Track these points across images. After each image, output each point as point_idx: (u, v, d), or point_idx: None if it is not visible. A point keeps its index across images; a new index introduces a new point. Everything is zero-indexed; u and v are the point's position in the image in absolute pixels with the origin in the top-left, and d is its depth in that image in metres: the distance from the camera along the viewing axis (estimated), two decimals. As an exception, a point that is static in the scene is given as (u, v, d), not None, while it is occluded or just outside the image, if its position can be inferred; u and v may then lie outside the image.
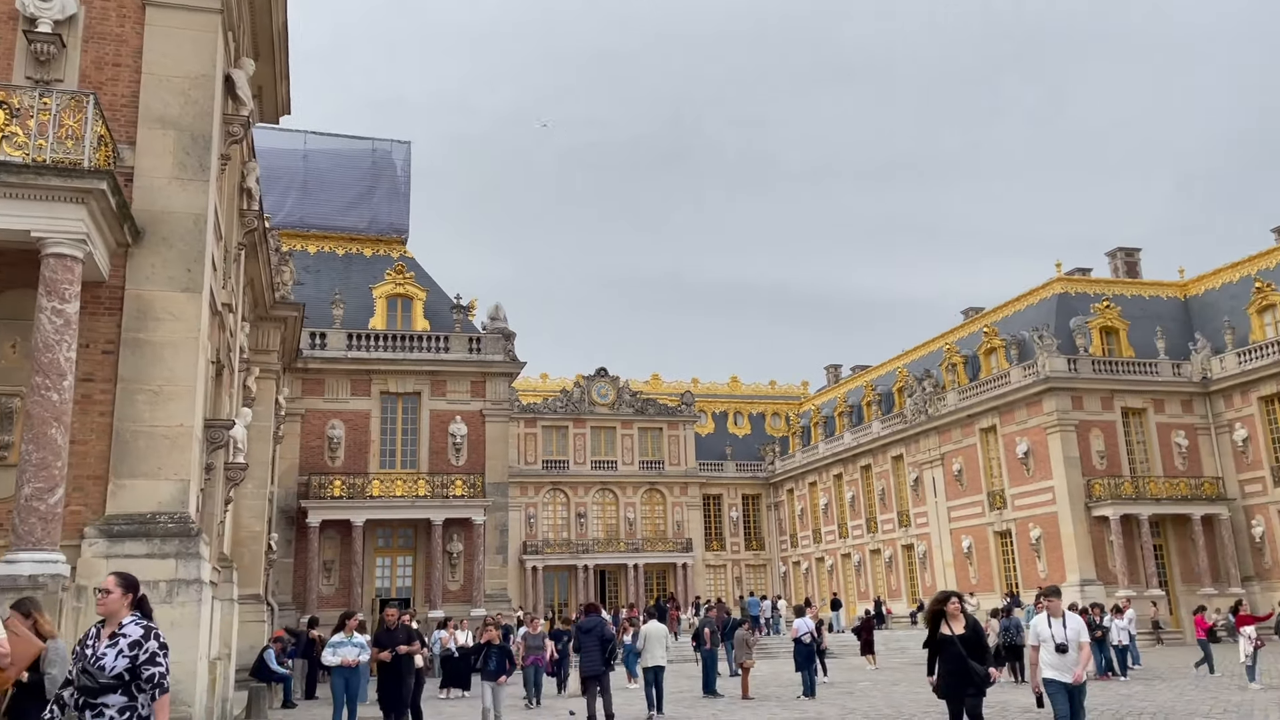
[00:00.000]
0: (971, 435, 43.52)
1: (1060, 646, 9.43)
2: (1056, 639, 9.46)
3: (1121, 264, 47.63)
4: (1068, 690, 9.43)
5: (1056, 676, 9.47)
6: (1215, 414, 39.92)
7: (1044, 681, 9.65)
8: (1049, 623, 9.62)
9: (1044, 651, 9.58)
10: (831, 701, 19.06)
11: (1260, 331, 39.25)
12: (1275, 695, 17.08)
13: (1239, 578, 37.78)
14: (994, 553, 42.02)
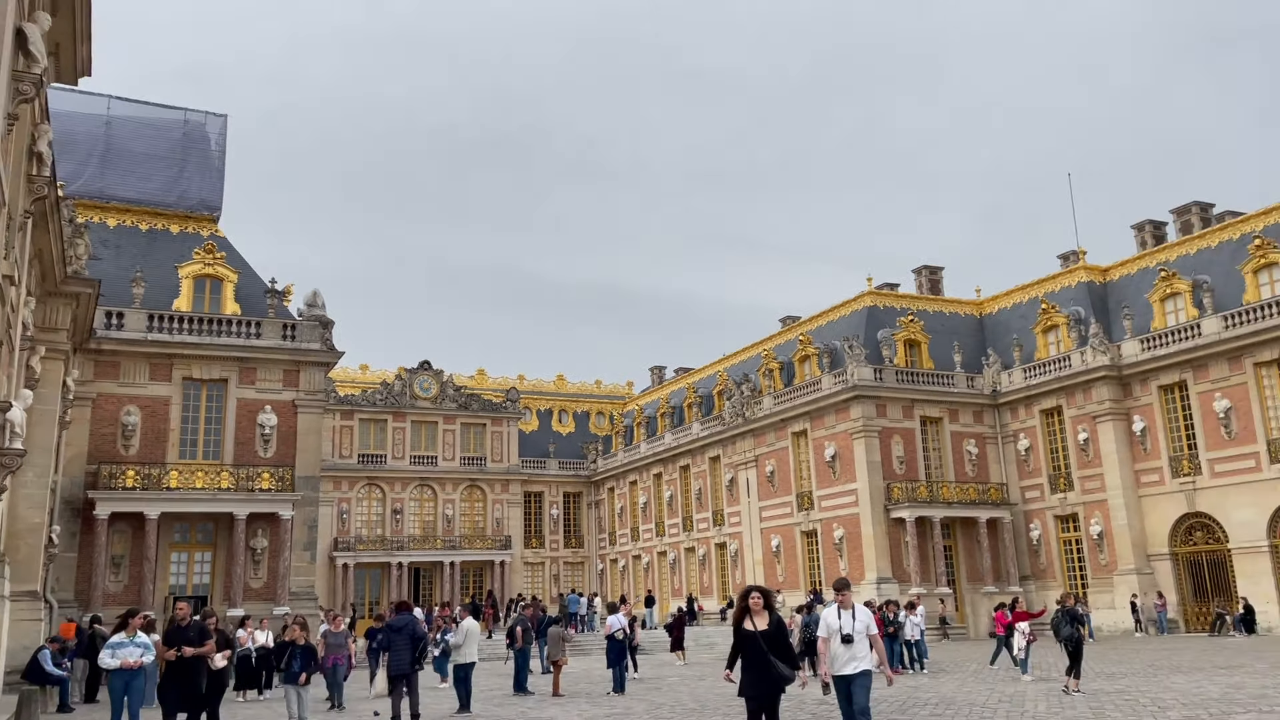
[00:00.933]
0: (784, 438, 45.27)
1: (846, 637, 9.50)
2: (844, 630, 9.54)
3: (926, 281, 50.71)
4: (848, 680, 9.55)
5: (839, 667, 9.58)
6: (1002, 424, 43.11)
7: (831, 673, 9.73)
8: (838, 614, 9.68)
9: (832, 642, 9.66)
10: (640, 697, 19.39)
11: (1044, 350, 42.66)
12: (1044, 686, 18.59)
13: (1018, 577, 40.92)
14: (800, 551, 43.85)
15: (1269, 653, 24.69)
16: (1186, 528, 36.67)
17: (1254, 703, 14.79)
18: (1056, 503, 40.63)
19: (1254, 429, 34.16)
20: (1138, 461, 38.09)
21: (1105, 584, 38.16)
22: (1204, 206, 43.16)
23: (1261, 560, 33.71)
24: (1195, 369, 36.11)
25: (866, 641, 9.63)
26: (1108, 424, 38.58)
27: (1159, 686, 17.70)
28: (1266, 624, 32.93)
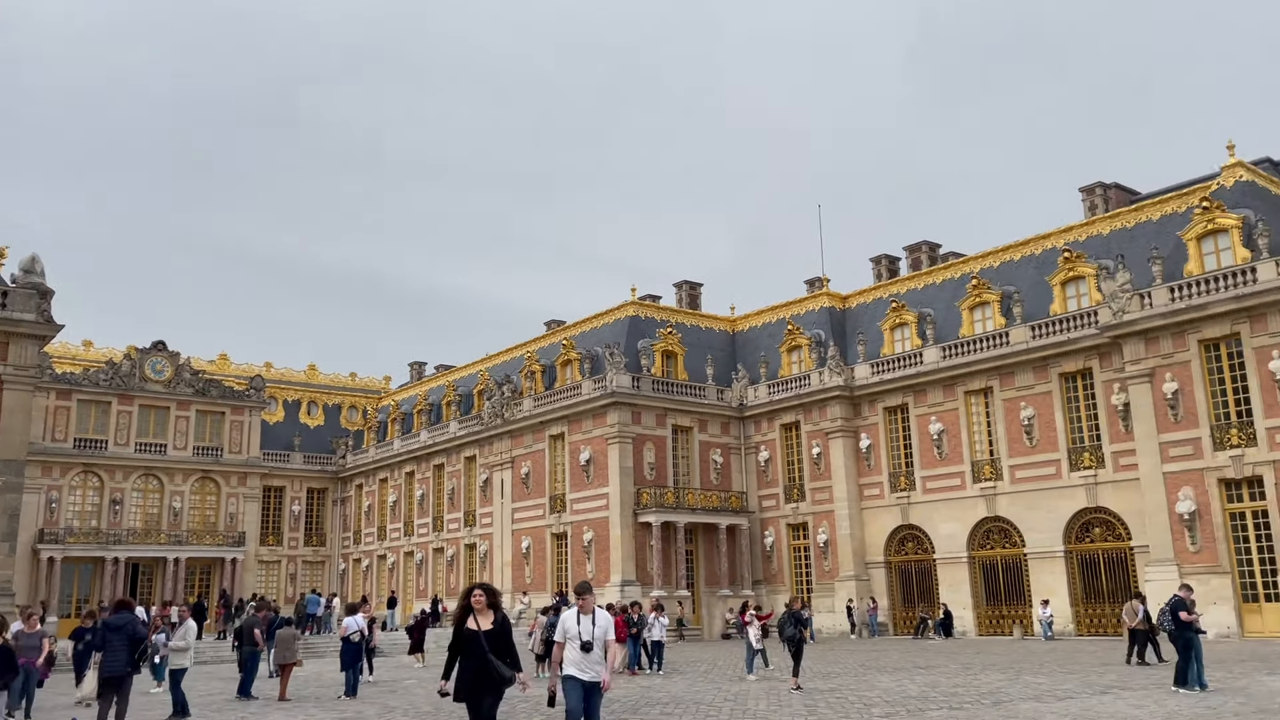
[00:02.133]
0: (542, 441, 45.51)
1: (586, 644, 9.01)
2: (583, 636, 9.04)
3: (686, 295, 52.68)
4: (584, 688, 9.02)
5: (575, 674, 9.03)
6: (746, 436, 45.42)
7: (563, 679, 9.13)
8: (578, 619, 9.17)
9: (569, 648, 9.12)
10: (373, 700, 18.83)
11: (788, 368, 45.37)
12: (767, 685, 19.70)
13: (751, 581, 43.21)
14: (550, 554, 44.20)
15: (962, 654, 27.41)
16: (900, 538, 40.09)
17: (946, 700, 16.35)
18: (790, 512, 43.26)
19: (961, 451, 37.86)
20: (863, 476, 41.25)
21: (828, 589, 41.02)
22: (933, 246, 47.52)
23: (961, 570, 37.40)
24: (916, 393, 39.57)
25: (603, 649, 9.17)
26: (839, 440, 41.53)
27: (866, 685, 19.21)
28: (962, 628, 36.55)
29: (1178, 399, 30.74)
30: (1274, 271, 28.97)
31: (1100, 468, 33.68)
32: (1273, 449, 28.71)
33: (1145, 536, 31.33)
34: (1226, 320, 29.96)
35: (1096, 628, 33.36)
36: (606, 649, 9.20)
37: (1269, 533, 28.64)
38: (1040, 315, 36.76)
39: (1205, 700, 15.46)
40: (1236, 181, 32.96)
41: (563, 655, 9.18)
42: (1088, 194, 41.81)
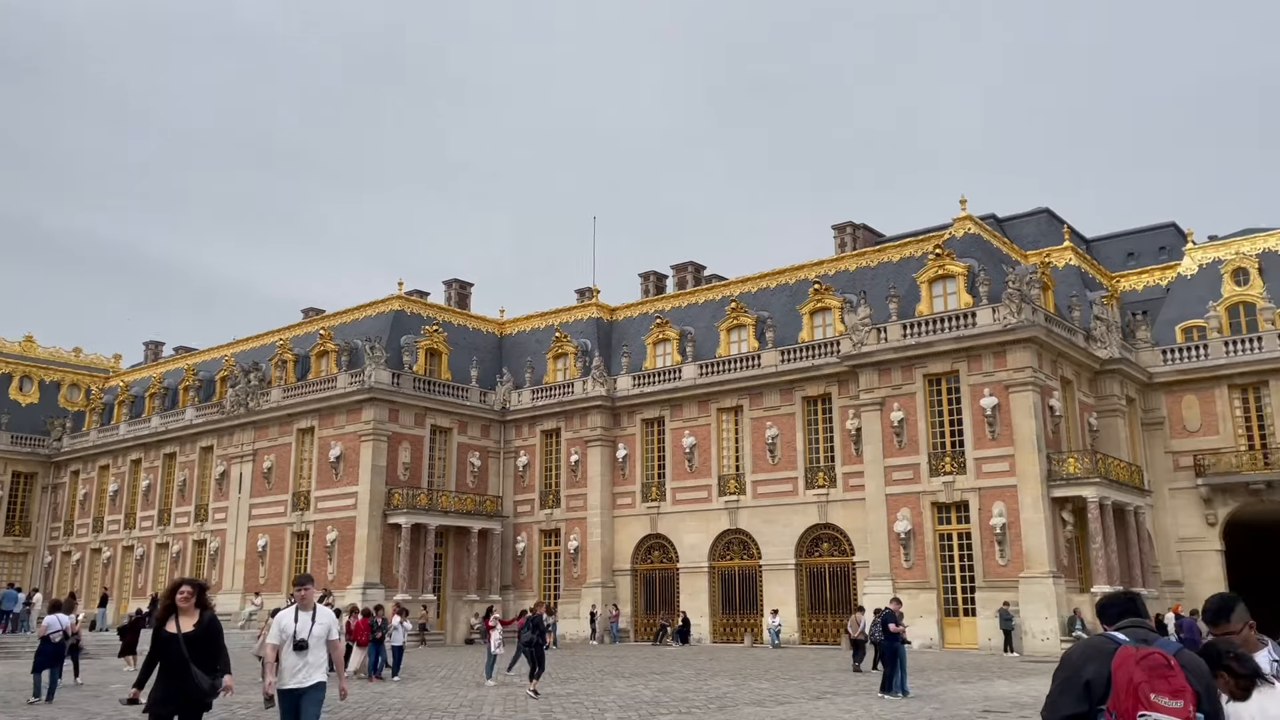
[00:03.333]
0: (289, 434, 43.28)
1: (300, 643, 8.08)
2: (299, 634, 8.09)
3: (455, 294, 51.84)
4: (295, 697, 8.11)
5: (286, 680, 8.12)
6: (507, 440, 45.22)
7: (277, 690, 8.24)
8: (295, 617, 8.18)
9: (285, 650, 8.18)
10: (72, 705, 17.13)
11: (553, 375, 45.60)
12: (505, 691, 19.60)
13: (499, 586, 43.00)
14: (289, 553, 42.06)
15: (696, 661, 28.48)
16: (648, 547, 41.22)
17: (677, 704, 16.90)
18: (544, 518, 43.44)
19: (710, 465, 39.45)
20: (617, 485, 42.08)
21: (575, 595, 41.49)
22: (698, 267, 49.38)
23: (702, 579, 38.92)
24: (673, 407, 40.88)
25: (325, 649, 8.29)
26: (597, 449, 42.18)
27: (603, 690, 19.54)
28: (699, 635, 38.01)
29: (903, 427, 33.49)
30: (990, 318, 32.20)
31: (832, 487, 36.10)
32: (979, 477, 31.82)
33: (867, 552, 33.85)
34: (948, 358, 32.97)
35: (820, 637, 35.65)
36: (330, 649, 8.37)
37: (970, 553, 31.72)
38: (790, 341, 38.99)
39: (905, 705, 16.84)
40: (965, 233, 36.41)
41: (275, 657, 8.26)
42: (839, 231, 44.89)
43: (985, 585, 30.93)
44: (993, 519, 30.94)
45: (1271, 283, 36.80)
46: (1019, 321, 31.21)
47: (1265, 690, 4.28)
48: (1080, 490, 30.70)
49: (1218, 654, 4.42)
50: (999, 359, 31.92)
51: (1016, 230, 42.97)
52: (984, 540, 31.27)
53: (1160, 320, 38.65)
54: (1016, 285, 31.67)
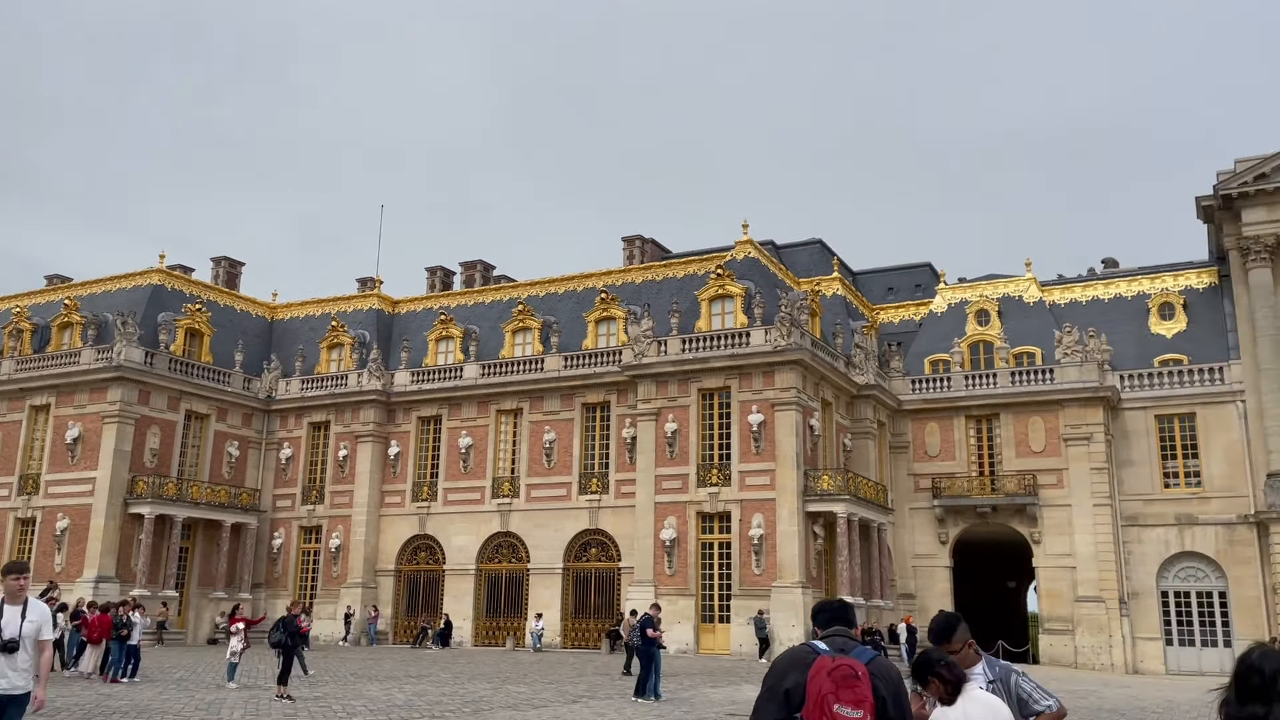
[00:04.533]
0: (20, 411, 39.25)
1: (9, 644, 6.99)
2: (6, 633, 7.00)
3: (224, 272, 48.72)
4: (2, 704, 7.01)
5: None
6: (270, 431, 42.93)
7: None
8: (1, 611, 7.09)
9: None
10: None
11: (326, 365, 43.73)
12: (247, 694, 18.53)
13: (250, 584, 40.70)
14: (11, 542, 38.07)
15: (456, 664, 28.06)
16: (415, 548, 40.25)
17: (430, 708, 16.55)
18: (305, 514, 41.53)
19: (486, 466, 39.05)
20: (387, 483, 40.86)
21: (333, 595, 39.88)
22: (488, 266, 48.89)
23: (468, 582, 38.41)
24: (451, 406, 40.19)
25: (35, 650, 7.20)
26: (368, 445, 40.80)
27: (354, 694, 18.87)
28: (460, 638, 37.47)
29: (676, 438, 34.47)
30: (763, 339, 33.72)
31: (605, 493, 36.62)
32: (743, 489, 33.22)
33: (633, 559, 34.55)
34: (722, 374, 34.26)
35: (582, 641, 36.01)
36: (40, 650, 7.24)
37: (729, 562, 33.04)
38: (575, 347, 39.29)
39: (657, 709, 17.29)
40: (746, 256, 38.01)
41: None
42: (629, 244, 45.76)
43: (741, 593, 32.30)
44: (752, 530, 32.38)
45: (1009, 325, 40.65)
46: (788, 344, 32.88)
47: (969, 697, 4.68)
48: (832, 506, 32.67)
49: (930, 662, 4.81)
50: (768, 378, 33.48)
51: (792, 257, 45.30)
52: (743, 550, 32.66)
53: (912, 352, 41.82)
54: (788, 310, 33.37)
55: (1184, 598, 35.36)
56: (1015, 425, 37.26)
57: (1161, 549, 35.51)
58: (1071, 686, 25.09)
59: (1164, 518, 35.62)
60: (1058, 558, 35.63)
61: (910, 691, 4.97)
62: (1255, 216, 35.79)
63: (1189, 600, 35.27)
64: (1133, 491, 36.10)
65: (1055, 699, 5.20)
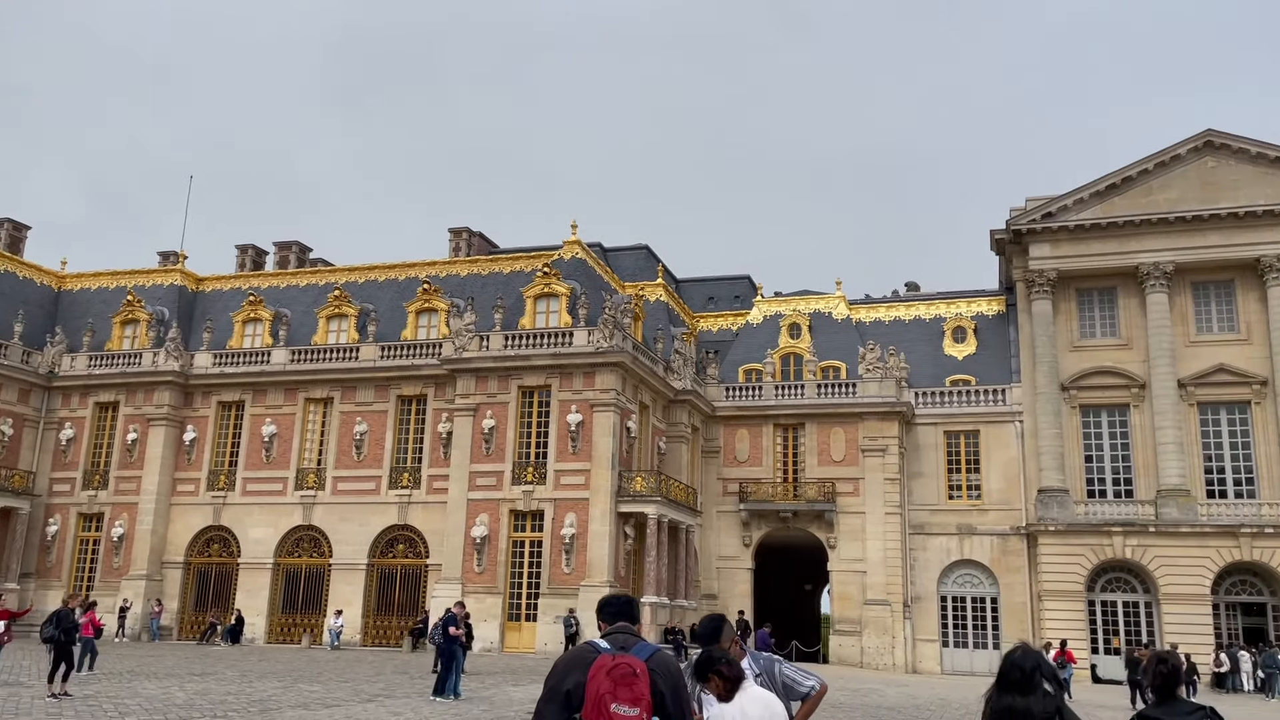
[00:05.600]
0: None
1: None
2: None
3: (6, 236, 44.57)
4: None
5: None
6: (51, 409, 39.65)
7: None
8: None
9: None
10: None
11: (119, 341, 40.76)
12: (7, 691, 17.03)
13: (19, 574, 37.45)
14: None
15: (245, 661, 26.74)
16: (208, 539, 38.11)
17: (213, 708, 15.69)
18: (86, 500, 38.60)
19: (290, 456, 37.43)
20: (180, 470, 38.50)
21: (113, 587, 37.19)
22: (304, 248, 46.93)
23: (264, 576, 36.69)
24: (256, 392, 38.29)
25: None
26: (161, 429, 38.33)
27: (130, 693, 17.65)
28: (252, 634, 35.75)
29: (493, 434, 34.14)
30: (585, 339, 33.89)
31: (416, 488, 35.84)
32: (557, 488, 33.26)
33: (441, 556, 33.96)
34: (544, 373, 34.21)
35: (383, 639, 35.08)
36: None
37: (540, 561, 33.01)
38: (393, 337, 38.26)
39: (455, 708, 17.05)
40: (573, 256, 38.11)
41: None
42: (455, 235, 45.02)
43: (549, 592, 32.32)
44: (564, 529, 32.47)
45: (819, 339, 42.54)
46: (610, 346, 33.20)
47: (746, 694, 4.87)
48: (644, 507, 33.21)
49: (712, 660, 4.97)
50: (588, 379, 33.69)
51: (618, 261, 45.80)
52: (554, 549, 32.70)
53: (728, 360, 43.10)
54: (612, 313, 33.70)
55: (961, 602, 38.00)
56: (819, 435, 39.01)
57: (943, 556, 38.03)
58: (855, 685, 26.52)
59: (947, 527, 38.18)
60: (851, 562, 37.54)
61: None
62: (1041, 251, 38.93)
63: (965, 605, 37.94)
64: (921, 502, 38.50)
65: (816, 679, 5.61)
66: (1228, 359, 36.63)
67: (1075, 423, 37.91)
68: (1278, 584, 34.53)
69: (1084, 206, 38.51)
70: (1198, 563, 34.74)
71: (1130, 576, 36.41)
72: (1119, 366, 37.76)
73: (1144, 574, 35.72)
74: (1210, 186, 37.40)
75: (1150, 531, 35.37)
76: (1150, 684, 4.81)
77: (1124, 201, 38.17)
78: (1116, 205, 38.19)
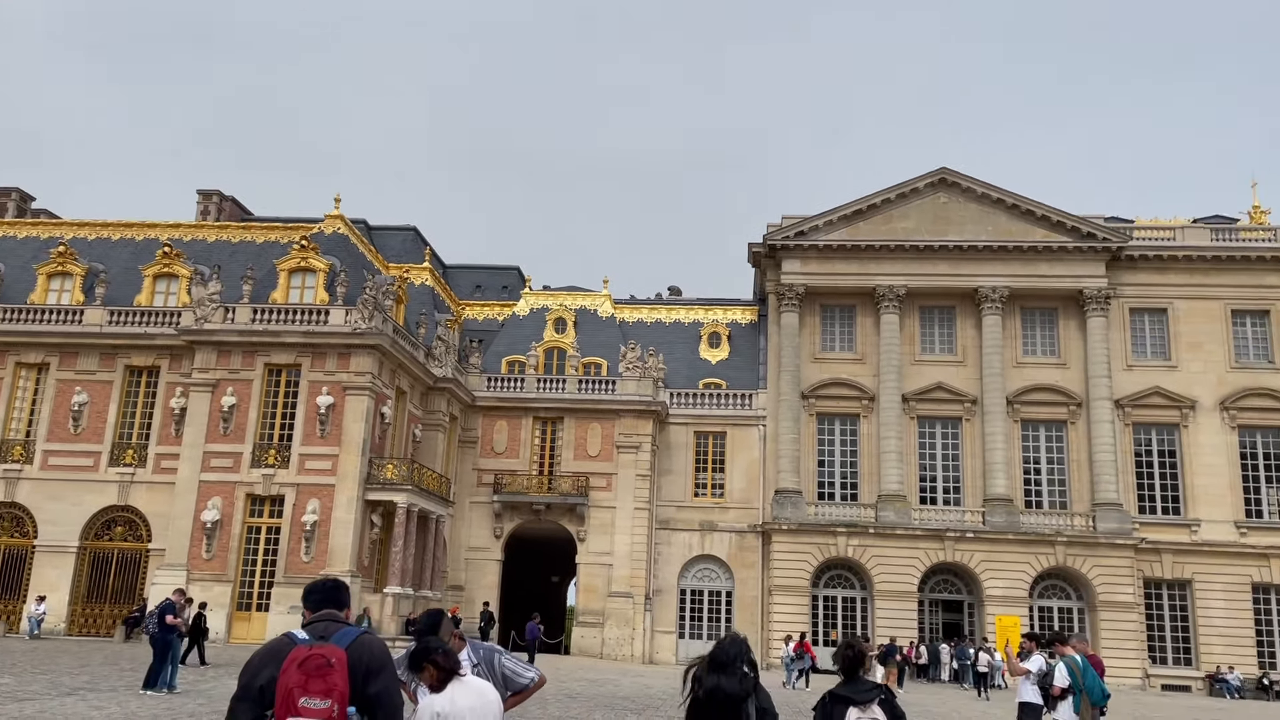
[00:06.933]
0: None
1: None
2: None
3: None
4: None
5: None
6: None
7: None
8: None
9: None
10: None
11: None
12: None
13: None
14: None
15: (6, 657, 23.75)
16: (-80, 516, 33.45)
17: None
18: None
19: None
20: None
21: None
22: (26, 196, 42.57)
23: (67, 560, 32.44)
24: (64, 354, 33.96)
25: None
26: None
27: None
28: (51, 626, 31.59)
29: (233, 413, 32.13)
30: (342, 319, 32.57)
31: (141, 466, 33.16)
32: (301, 473, 31.76)
33: (166, 540, 31.60)
34: (294, 351, 32.55)
35: (94, 628, 32.21)
36: None
37: (276, 548, 31.41)
38: (125, 302, 35.18)
39: (167, 701, 15.92)
40: (335, 231, 36.57)
41: None
42: (205, 198, 42.09)
43: (285, 581, 30.81)
44: (306, 515, 31.07)
45: (583, 335, 43.10)
46: (369, 328, 32.10)
47: (459, 683, 4.87)
48: (394, 495, 32.36)
49: (428, 650, 4.94)
50: (343, 360, 32.41)
51: (384, 240, 44.40)
52: (293, 536, 31.22)
53: (492, 350, 42.81)
54: (374, 293, 32.59)
55: (699, 595, 39.70)
56: (577, 429, 39.53)
57: (686, 551, 39.58)
58: (594, 676, 27.11)
59: (691, 523, 39.76)
60: (599, 555, 38.31)
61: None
62: (792, 267, 41.34)
63: (703, 598, 39.67)
64: (669, 498, 39.87)
65: (535, 671, 5.76)
66: (945, 378, 40.37)
67: (812, 429, 40.54)
68: (975, 584, 38.40)
69: (833, 228, 41.27)
70: (909, 562, 38.08)
71: (850, 574, 39.38)
72: (853, 379, 40.74)
73: (862, 572, 38.73)
74: (941, 220, 41.09)
75: (870, 533, 38.40)
76: (838, 666, 5.86)
77: (868, 227, 41.22)
78: (861, 230, 41.19)
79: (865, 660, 5.85)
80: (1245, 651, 36.73)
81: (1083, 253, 39.88)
